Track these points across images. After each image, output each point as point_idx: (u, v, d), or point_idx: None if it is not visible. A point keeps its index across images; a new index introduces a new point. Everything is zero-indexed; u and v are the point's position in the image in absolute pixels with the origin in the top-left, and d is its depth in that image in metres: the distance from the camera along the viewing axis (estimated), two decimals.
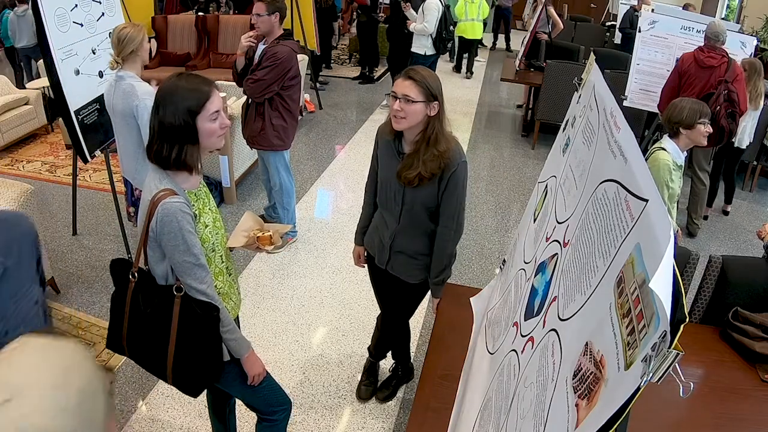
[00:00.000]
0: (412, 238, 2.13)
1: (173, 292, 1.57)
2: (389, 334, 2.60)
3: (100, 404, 0.67)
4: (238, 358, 1.73)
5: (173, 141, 1.50)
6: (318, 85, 7.25)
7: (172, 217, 1.48)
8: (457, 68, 9.22)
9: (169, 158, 1.51)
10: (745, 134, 4.50)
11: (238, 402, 2.15)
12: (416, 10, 6.07)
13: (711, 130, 2.73)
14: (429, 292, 2.37)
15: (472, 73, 9.01)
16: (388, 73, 8.83)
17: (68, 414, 0.61)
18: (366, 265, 2.44)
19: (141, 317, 1.62)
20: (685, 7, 6.84)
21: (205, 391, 1.97)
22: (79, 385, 0.64)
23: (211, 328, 1.60)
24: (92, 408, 0.65)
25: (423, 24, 5.86)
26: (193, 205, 1.57)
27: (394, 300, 2.39)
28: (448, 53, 9.39)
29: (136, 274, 1.63)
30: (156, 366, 1.67)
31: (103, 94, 3.04)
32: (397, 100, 1.86)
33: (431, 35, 5.90)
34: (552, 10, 6.61)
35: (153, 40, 6.73)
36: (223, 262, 1.73)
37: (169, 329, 1.59)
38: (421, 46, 6.01)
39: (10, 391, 0.59)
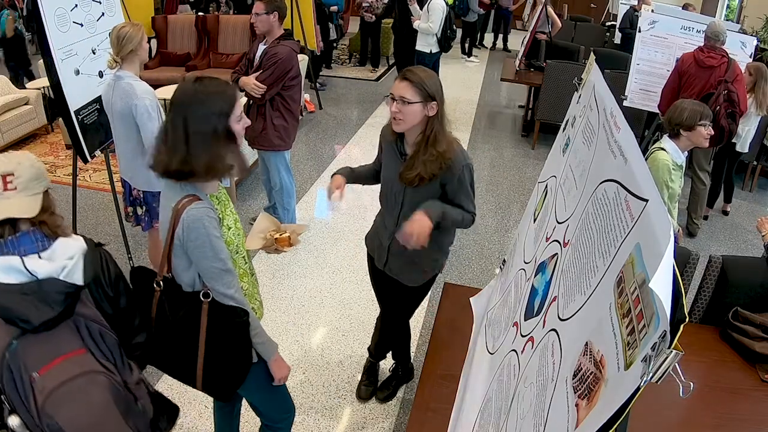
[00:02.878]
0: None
1: (200, 298, 1.54)
2: (389, 334, 2.59)
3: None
4: (260, 361, 1.70)
5: (208, 147, 1.43)
6: (318, 85, 7.25)
7: (198, 224, 1.45)
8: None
9: (201, 169, 1.44)
10: (747, 138, 4.49)
11: (243, 404, 2.15)
12: (420, 7, 6.09)
13: (712, 132, 2.73)
14: (427, 295, 2.37)
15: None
16: (388, 73, 8.85)
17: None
18: (342, 196, 2.13)
19: (168, 326, 1.58)
20: (685, 7, 6.84)
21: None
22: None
23: (241, 332, 1.58)
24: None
25: (428, 24, 5.87)
26: (216, 209, 1.54)
27: (394, 301, 2.39)
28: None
29: (161, 283, 1.58)
30: (184, 373, 1.64)
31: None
32: (394, 102, 1.86)
33: (436, 34, 5.91)
34: (551, 9, 6.62)
35: (153, 41, 6.77)
36: (246, 263, 1.71)
37: (198, 336, 1.56)
38: (426, 44, 6.03)
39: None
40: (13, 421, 1.30)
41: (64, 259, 1.32)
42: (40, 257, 1.30)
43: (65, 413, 1.28)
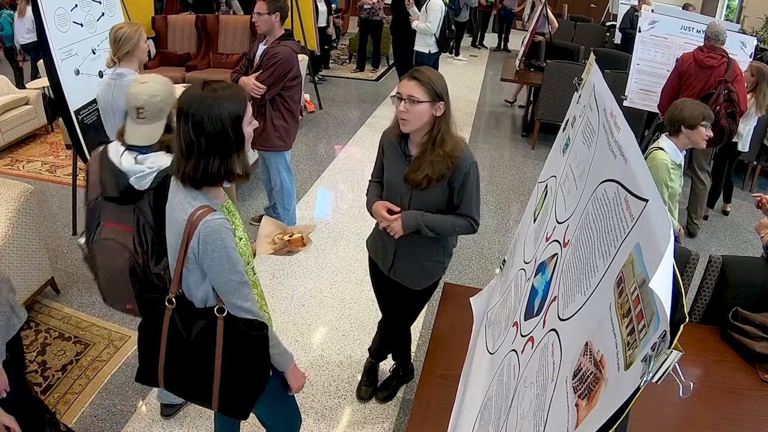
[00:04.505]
0: (417, 243, 2.10)
1: (215, 313, 1.50)
2: (390, 339, 2.59)
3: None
4: (271, 374, 1.67)
5: (222, 153, 1.40)
6: (317, 79, 7.23)
7: (216, 236, 1.40)
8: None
9: (215, 174, 1.42)
10: (748, 137, 4.49)
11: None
12: (419, 7, 6.11)
13: (711, 134, 2.73)
14: (431, 298, 2.37)
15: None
16: (388, 73, 8.85)
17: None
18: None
19: (182, 345, 1.53)
20: (685, 7, 6.84)
21: None
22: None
23: (260, 346, 1.54)
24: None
25: (426, 24, 5.88)
26: (228, 219, 1.49)
27: (397, 306, 2.38)
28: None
29: (173, 300, 1.53)
30: (199, 394, 1.59)
31: None
32: (402, 101, 1.84)
33: (435, 35, 5.92)
34: (548, 10, 6.63)
35: (150, 41, 6.77)
36: (254, 274, 1.68)
37: (213, 354, 1.51)
38: (425, 44, 6.04)
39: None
40: (81, 240, 2.06)
41: (145, 166, 1.86)
42: (137, 157, 1.87)
43: (101, 258, 1.99)
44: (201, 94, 1.39)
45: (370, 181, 2.25)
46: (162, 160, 1.88)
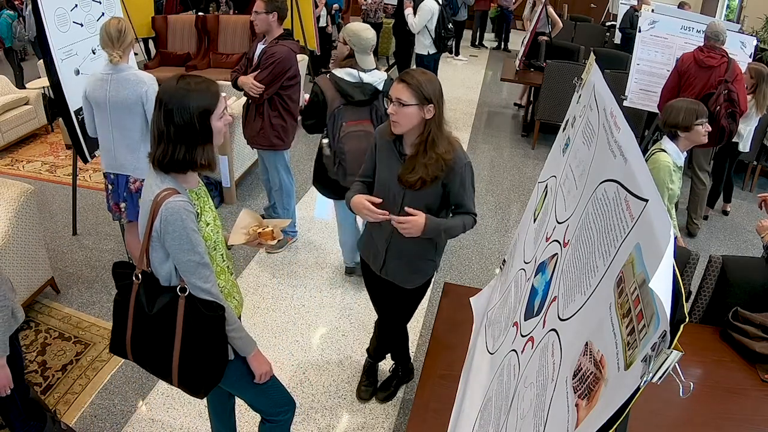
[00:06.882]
0: (407, 242, 2.08)
1: (177, 292, 1.57)
2: (387, 339, 2.59)
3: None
4: (243, 357, 1.73)
5: (188, 143, 1.50)
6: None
7: (176, 216, 1.48)
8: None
9: (181, 161, 1.51)
10: (749, 138, 4.48)
11: (238, 402, 2.14)
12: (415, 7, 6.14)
13: (710, 129, 2.71)
14: (427, 295, 2.36)
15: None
16: (389, 72, 8.86)
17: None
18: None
19: (145, 319, 1.61)
20: (681, 5, 6.82)
21: None
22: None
23: (217, 327, 1.60)
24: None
25: (413, 21, 5.89)
26: (195, 204, 1.57)
27: (391, 306, 2.38)
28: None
29: (139, 276, 1.62)
30: (160, 368, 1.66)
31: None
32: (392, 104, 1.88)
33: (431, 35, 5.92)
34: (551, 9, 6.62)
35: (150, 41, 6.72)
36: (224, 260, 1.74)
37: (174, 330, 1.59)
38: (423, 46, 6.05)
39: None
40: (324, 141, 2.88)
41: (376, 77, 2.80)
42: (365, 72, 2.79)
43: (350, 145, 2.80)
44: (175, 86, 1.50)
45: (355, 180, 2.20)
46: (381, 74, 2.84)
